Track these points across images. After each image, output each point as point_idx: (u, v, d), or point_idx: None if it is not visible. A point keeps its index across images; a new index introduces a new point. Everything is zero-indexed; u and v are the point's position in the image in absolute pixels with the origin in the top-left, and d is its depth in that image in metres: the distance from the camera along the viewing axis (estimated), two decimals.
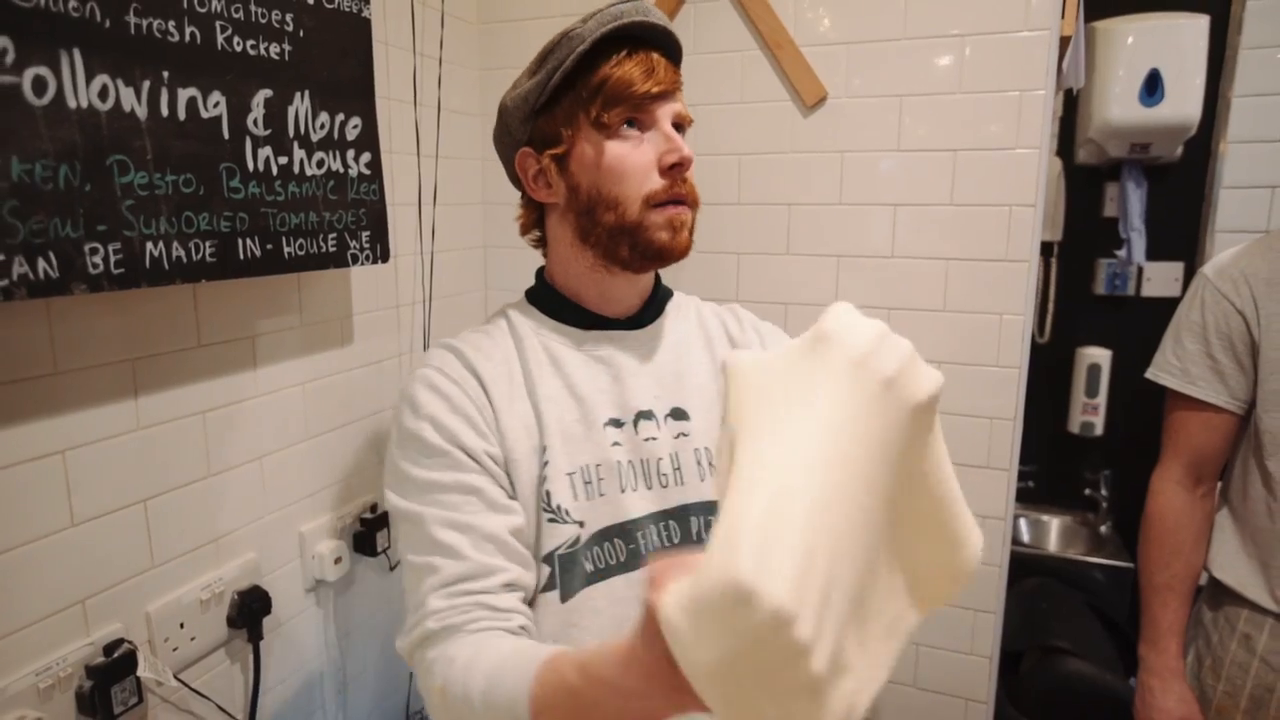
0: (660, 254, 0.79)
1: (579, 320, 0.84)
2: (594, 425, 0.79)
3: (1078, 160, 2.21)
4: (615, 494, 0.78)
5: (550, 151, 0.80)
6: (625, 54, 0.77)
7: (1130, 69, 2.00)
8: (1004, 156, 1.31)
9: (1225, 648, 1.15)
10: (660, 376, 0.84)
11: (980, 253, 1.35)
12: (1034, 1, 1.27)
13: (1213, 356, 1.13)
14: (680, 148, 0.77)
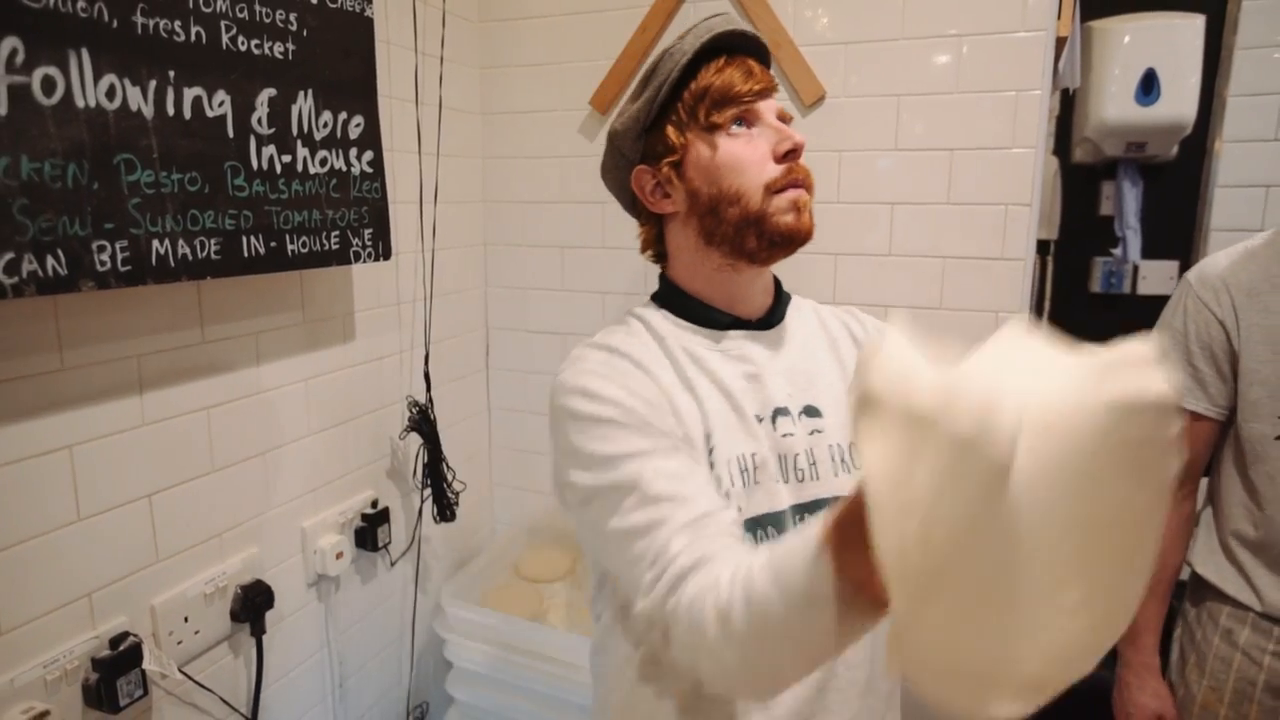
0: (788, 237, 0.81)
1: (713, 321, 0.86)
2: (745, 417, 0.81)
3: (1074, 159, 2.22)
4: (770, 484, 0.80)
5: (667, 160, 0.83)
6: (723, 62, 0.82)
7: (1126, 68, 2.01)
8: (1000, 156, 1.33)
9: (1209, 643, 1.16)
10: (792, 375, 0.86)
11: (977, 251, 1.36)
12: (1031, 2, 1.28)
13: (1194, 365, 1.15)
14: (792, 135, 0.81)
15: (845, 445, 0.84)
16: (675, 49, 0.83)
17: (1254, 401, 1.09)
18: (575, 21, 1.59)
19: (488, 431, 1.82)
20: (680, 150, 0.83)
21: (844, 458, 0.84)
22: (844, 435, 0.84)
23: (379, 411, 1.44)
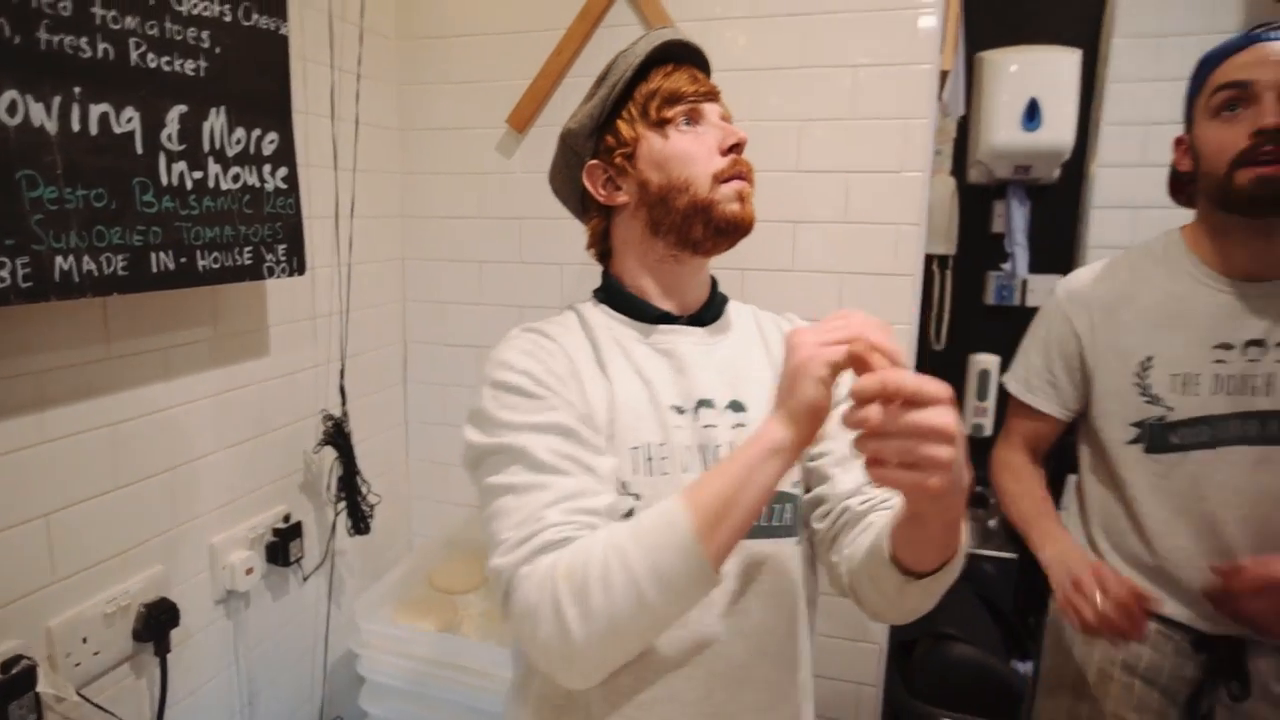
0: (733, 224, 0.87)
1: (646, 315, 0.91)
2: (660, 406, 0.85)
3: (969, 180, 2.36)
4: (676, 472, 0.83)
5: (620, 152, 0.88)
6: (671, 68, 0.89)
7: (1012, 97, 2.16)
8: (892, 178, 1.42)
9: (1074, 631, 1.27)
10: (721, 370, 0.90)
11: (871, 267, 1.45)
12: (918, 37, 1.38)
13: (1052, 372, 1.25)
14: (736, 131, 0.89)
15: None
16: (628, 53, 0.89)
17: (1106, 410, 1.19)
18: (492, 41, 1.62)
19: (405, 444, 1.82)
20: (632, 143, 0.88)
21: None
22: None
23: (293, 425, 1.44)
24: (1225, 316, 1.10)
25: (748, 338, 0.96)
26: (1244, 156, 1.01)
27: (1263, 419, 1.09)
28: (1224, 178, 1.03)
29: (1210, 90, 1.05)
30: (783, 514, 0.87)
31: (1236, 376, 1.09)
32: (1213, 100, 1.04)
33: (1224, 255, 1.11)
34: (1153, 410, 1.13)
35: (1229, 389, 1.10)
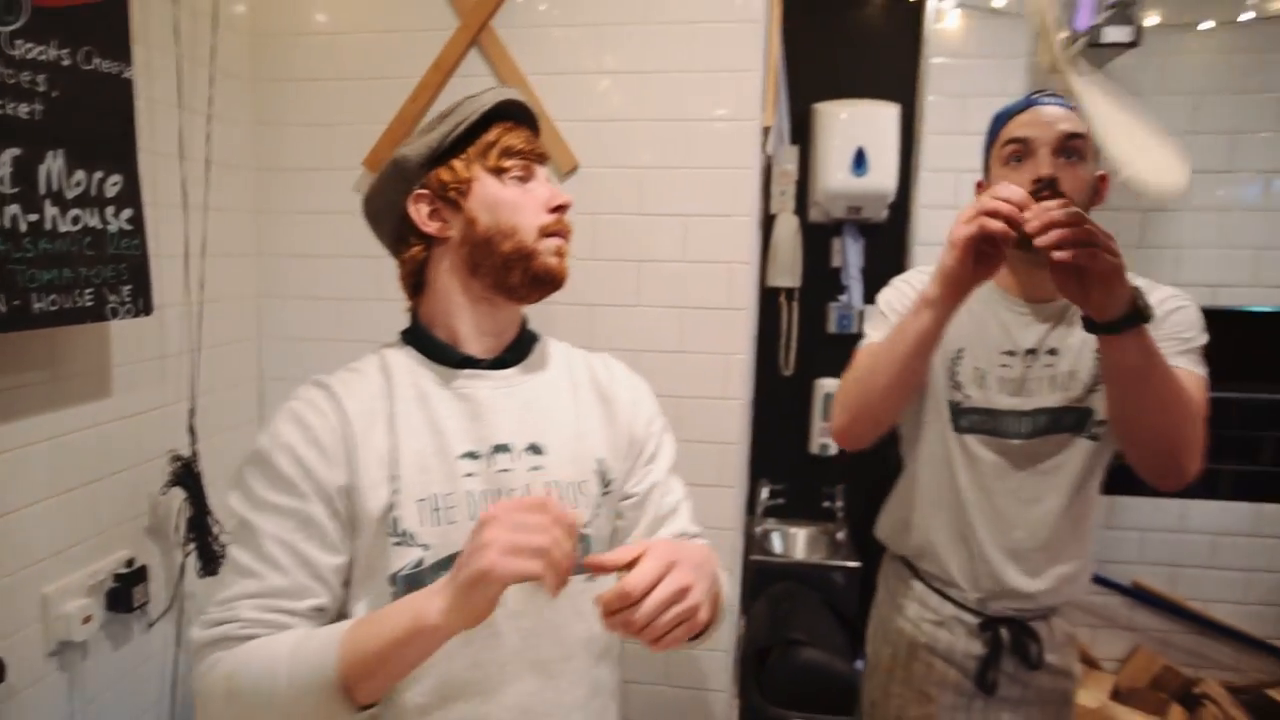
0: (550, 276, 0.92)
1: (449, 359, 0.93)
2: (448, 457, 0.88)
3: (811, 219, 2.58)
4: (465, 521, 0.87)
5: (454, 188, 0.91)
6: (511, 125, 0.94)
7: (843, 145, 2.39)
8: (725, 222, 1.57)
9: (890, 613, 1.42)
10: (522, 412, 0.93)
11: (709, 302, 1.59)
12: (743, 95, 1.54)
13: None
14: (563, 194, 0.95)
15: (565, 482, 0.93)
16: (476, 98, 0.93)
17: (933, 389, 1.33)
18: (349, 86, 1.67)
19: None
20: (466, 183, 0.91)
21: (562, 494, 0.92)
22: (565, 473, 0.94)
23: (138, 468, 1.41)
24: (1010, 329, 1.28)
25: (556, 378, 0.99)
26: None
27: (1033, 416, 1.27)
28: None
29: (1001, 143, 1.23)
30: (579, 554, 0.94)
31: (1013, 379, 1.27)
32: (1002, 152, 1.23)
33: (1012, 283, 1.30)
34: (955, 395, 1.30)
35: (1009, 389, 1.27)
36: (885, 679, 1.42)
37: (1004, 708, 1.33)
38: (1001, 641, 1.31)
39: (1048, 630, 1.33)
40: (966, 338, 1.29)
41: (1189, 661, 2.58)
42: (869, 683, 1.47)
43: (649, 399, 1.07)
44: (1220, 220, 2.40)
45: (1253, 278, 2.41)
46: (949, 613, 1.34)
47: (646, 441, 1.03)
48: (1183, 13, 2.31)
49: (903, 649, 1.39)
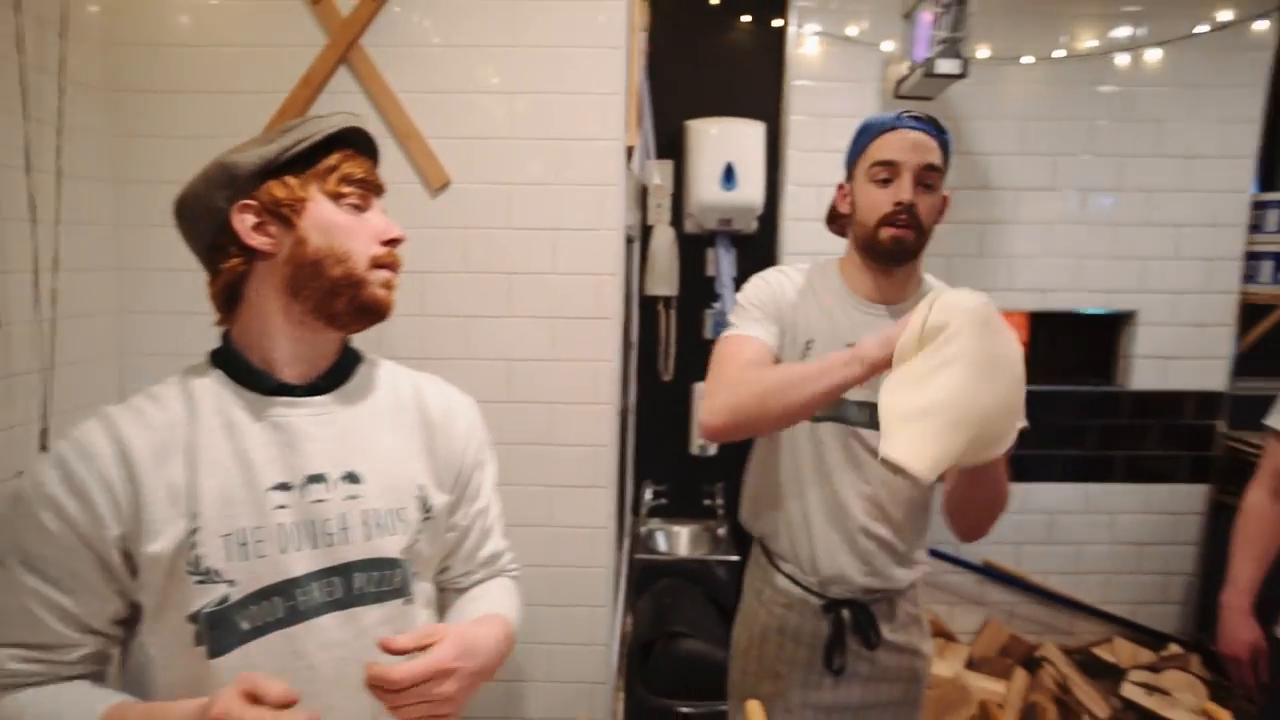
0: (377, 307, 0.90)
1: (261, 385, 0.89)
2: (257, 490, 0.85)
3: (686, 230, 2.71)
4: (275, 555, 0.84)
5: (287, 204, 0.87)
6: (353, 152, 0.92)
7: (713, 161, 2.52)
8: (592, 236, 1.65)
9: (749, 599, 1.52)
10: (340, 440, 0.90)
11: (578, 312, 1.66)
12: (607, 116, 1.62)
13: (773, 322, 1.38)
14: (396, 228, 0.93)
15: (382, 509, 0.92)
16: (322, 119, 0.91)
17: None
18: (211, 99, 1.65)
19: None
20: (300, 202, 0.87)
21: (379, 522, 0.92)
22: (384, 501, 0.92)
23: None
24: (858, 327, 1.34)
25: (378, 403, 0.96)
26: (887, 219, 1.27)
27: (869, 407, 1.31)
28: (872, 231, 1.29)
29: (870, 161, 1.30)
30: (391, 579, 0.92)
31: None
32: (871, 170, 1.29)
33: (861, 284, 1.38)
34: None
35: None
36: (743, 660, 1.51)
37: (854, 683, 1.43)
38: (844, 623, 1.41)
39: (889, 611, 1.43)
40: (817, 329, 1.36)
41: (1032, 629, 2.85)
42: (733, 665, 1.56)
43: (479, 429, 1.06)
44: (1046, 232, 2.67)
45: (1075, 283, 2.70)
46: (797, 595, 1.43)
47: (474, 474, 1.03)
48: (1008, 48, 2.57)
49: (757, 631, 1.48)
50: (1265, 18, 2.54)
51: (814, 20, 2.58)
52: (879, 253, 1.31)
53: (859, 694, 1.44)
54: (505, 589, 1.08)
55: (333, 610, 0.88)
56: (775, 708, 1.44)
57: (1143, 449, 2.80)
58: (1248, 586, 1.77)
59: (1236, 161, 2.61)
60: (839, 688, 1.43)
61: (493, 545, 1.08)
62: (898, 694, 1.47)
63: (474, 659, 0.84)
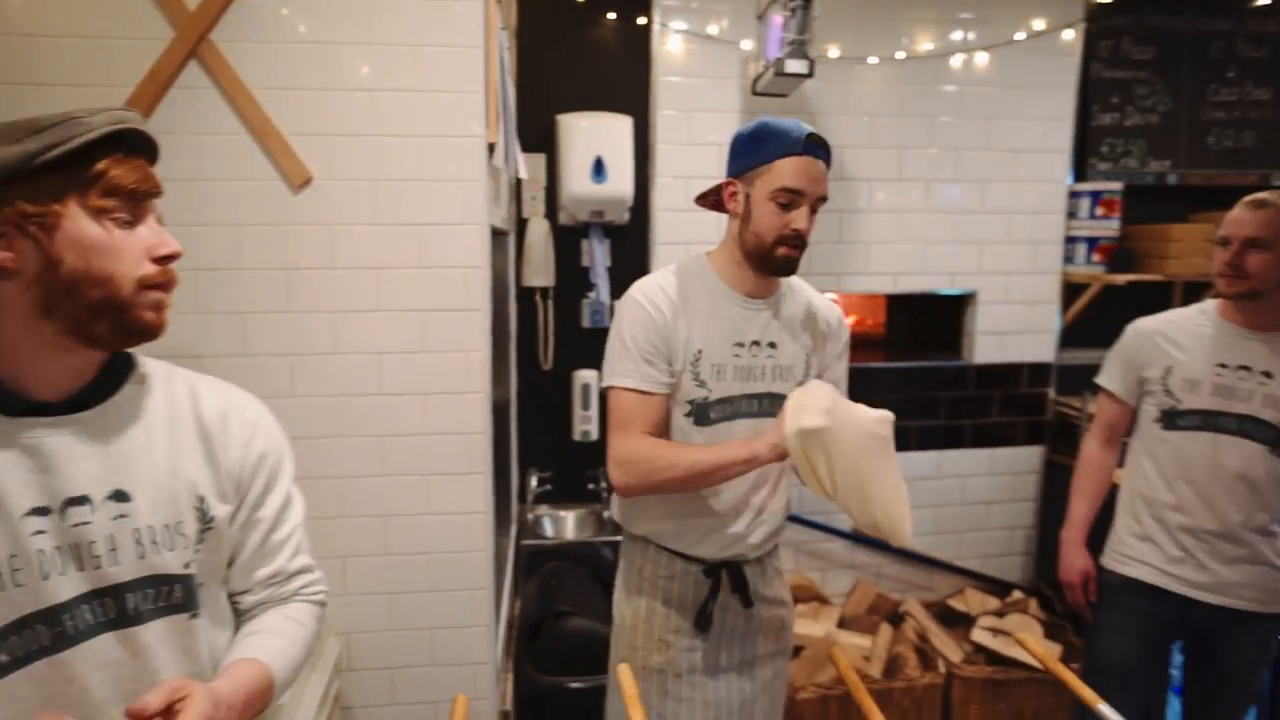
0: (145, 331, 0.85)
1: (10, 408, 0.83)
2: (10, 518, 0.81)
3: (560, 222, 2.77)
4: (35, 582, 0.81)
5: (36, 219, 0.78)
6: (123, 155, 0.83)
7: (584, 154, 2.60)
8: (458, 230, 1.69)
9: (631, 578, 1.60)
10: (106, 458, 0.86)
11: (447, 305, 1.71)
12: (468, 114, 1.67)
13: (656, 356, 1.47)
14: (171, 242, 0.86)
15: (157, 526, 0.88)
16: (85, 121, 0.80)
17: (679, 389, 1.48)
18: (52, 92, 1.59)
19: None
20: (53, 217, 0.79)
21: (154, 539, 0.88)
22: (157, 516, 0.88)
23: None
24: (740, 323, 1.46)
25: (150, 413, 0.91)
26: (783, 239, 1.39)
27: (760, 399, 1.49)
28: (769, 247, 1.40)
29: (775, 185, 1.37)
30: (172, 594, 0.90)
31: (744, 367, 1.48)
32: (774, 193, 1.37)
33: (741, 281, 1.48)
34: (698, 393, 1.47)
35: (741, 376, 1.48)
36: (630, 635, 1.58)
37: (733, 639, 1.56)
38: (722, 582, 1.53)
39: (760, 569, 1.57)
40: (704, 337, 1.45)
41: (896, 588, 3.10)
42: (617, 643, 1.63)
43: (263, 436, 1.01)
44: (896, 220, 2.89)
45: (923, 267, 2.93)
46: (679, 567, 1.54)
47: (253, 483, 0.99)
48: (855, 49, 2.76)
49: (643, 606, 1.57)
50: (1071, 27, 2.83)
51: (677, 18, 2.69)
52: (772, 266, 1.43)
53: (739, 651, 1.56)
54: (287, 622, 1.01)
55: (107, 631, 0.86)
56: (665, 675, 1.53)
57: (987, 417, 3.08)
58: (1082, 523, 2.04)
59: (1054, 155, 2.91)
60: (722, 647, 1.54)
61: (277, 564, 1.02)
62: (771, 645, 1.61)
63: (222, 714, 0.81)
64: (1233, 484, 1.78)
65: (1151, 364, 1.88)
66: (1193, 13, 2.95)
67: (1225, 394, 1.77)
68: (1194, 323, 1.85)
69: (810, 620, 2.86)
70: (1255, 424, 1.75)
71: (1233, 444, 1.77)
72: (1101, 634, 1.98)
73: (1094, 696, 1.37)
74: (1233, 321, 1.80)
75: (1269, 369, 1.74)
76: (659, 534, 1.54)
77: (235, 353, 1.66)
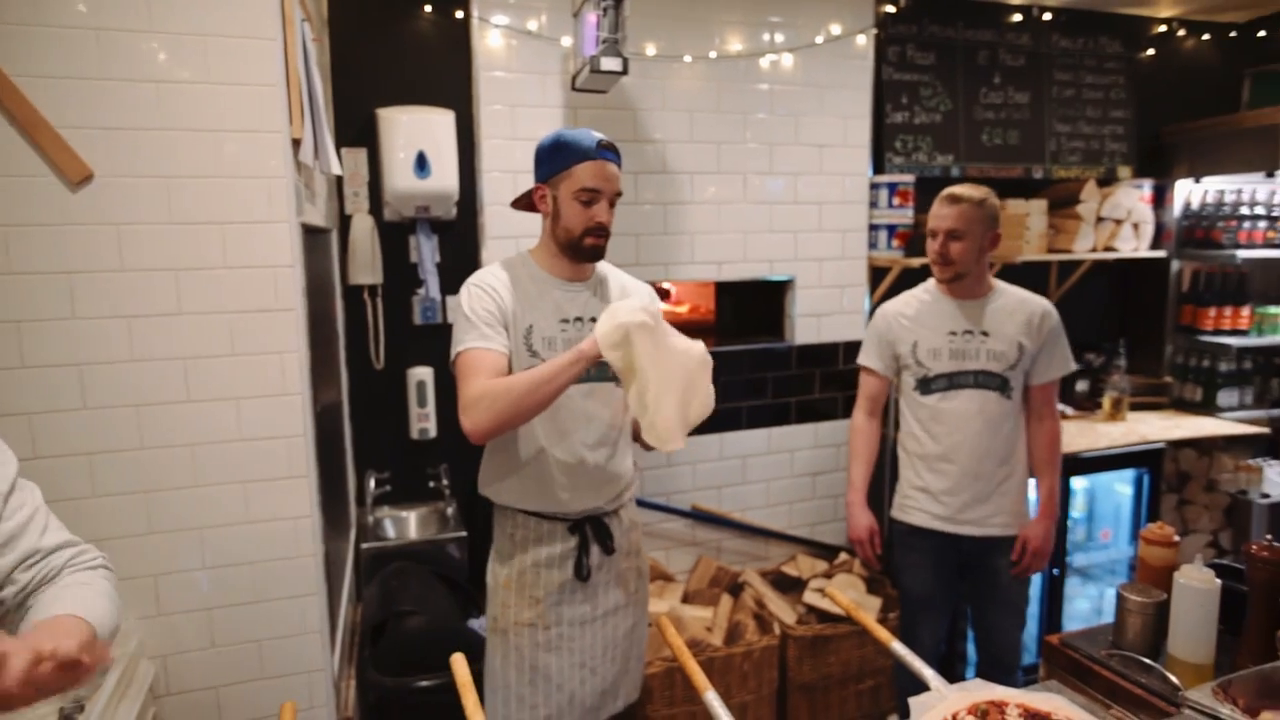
0: None
1: None
2: None
3: (386, 218, 2.71)
4: None
5: None
6: None
7: (406, 149, 2.56)
8: (264, 228, 1.64)
9: (503, 544, 1.70)
10: None
11: (258, 305, 1.65)
12: (267, 108, 1.61)
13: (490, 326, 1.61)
14: None
15: None
16: None
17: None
18: None
19: None
20: None
21: None
22: None
23: None
24: (564, 303, 1.66)
25: None
26: (590, 230, 1.60)
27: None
28: (578, 239, 1.61)
29: (576, 186, 1.58)
30: None
31: (571, 339, 1.64)
32: (577, 193, 1.58)
33: (560, 269, 1.68)
34: (533, 361, 1.61)
35: (568, 347, 1.60)
36: (503, 595, 1.70)
37: (596, 590, 1.72)
38: (587, 535, 1.68)
39: (619, 521, 1.75)
40: (534, 315, 1.63)
41: (736, 560, 3.27)
42: (491, 603, 1.74)
43: None
44: (717, 211, 3.04)
45: (744, 255, 3.11)
46: (545, 528, 1.68)
47: None
48: (671, 47, 2.88)
49: (515, 568, 1.69)
50: (864, 33, 3.09)
51: (497, 13, 2.70)
52: (583, 254, 1.64)
53: (603, 600, 1.72)
54: (72, 585, 0.99)
55: None
56: (536, 628, 1.67)
57: (810, 394, 3.32)
58: (860, 485, 2.33)
59: (856, 150, 3.16)
60: (588, 599, 1.70)
61: (24, 545, 0.98)
62: (630, 595, 1.78)
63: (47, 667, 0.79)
64: (980, 429, 2.17)
65: (900, 340, 2.26)
66: (963, 24, 3.29)
67: (959, 356, 2.17)
68: (923, 302, 2.25)
69: (655, 599, 2.98)
70: (987, 376, 2.16)
71: (973, 395, 2.17)
72: (903, 573, 2.36)
73: (888, 636, 1.54)
74: (951, 296, 2.21)
75: (985, 329, 2.16)
76: (521, 500, 1.68)
77: (12, 364, 1.52)
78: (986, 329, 2.16)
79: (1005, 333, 2.15)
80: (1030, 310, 2.17)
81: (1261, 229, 3.45)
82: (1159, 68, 3.68)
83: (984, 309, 2.18)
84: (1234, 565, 1.57)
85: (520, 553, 1.69)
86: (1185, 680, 1.33)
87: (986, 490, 2.19)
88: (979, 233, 2.09)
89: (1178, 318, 3.64)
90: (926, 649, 2.32)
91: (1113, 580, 3.31)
